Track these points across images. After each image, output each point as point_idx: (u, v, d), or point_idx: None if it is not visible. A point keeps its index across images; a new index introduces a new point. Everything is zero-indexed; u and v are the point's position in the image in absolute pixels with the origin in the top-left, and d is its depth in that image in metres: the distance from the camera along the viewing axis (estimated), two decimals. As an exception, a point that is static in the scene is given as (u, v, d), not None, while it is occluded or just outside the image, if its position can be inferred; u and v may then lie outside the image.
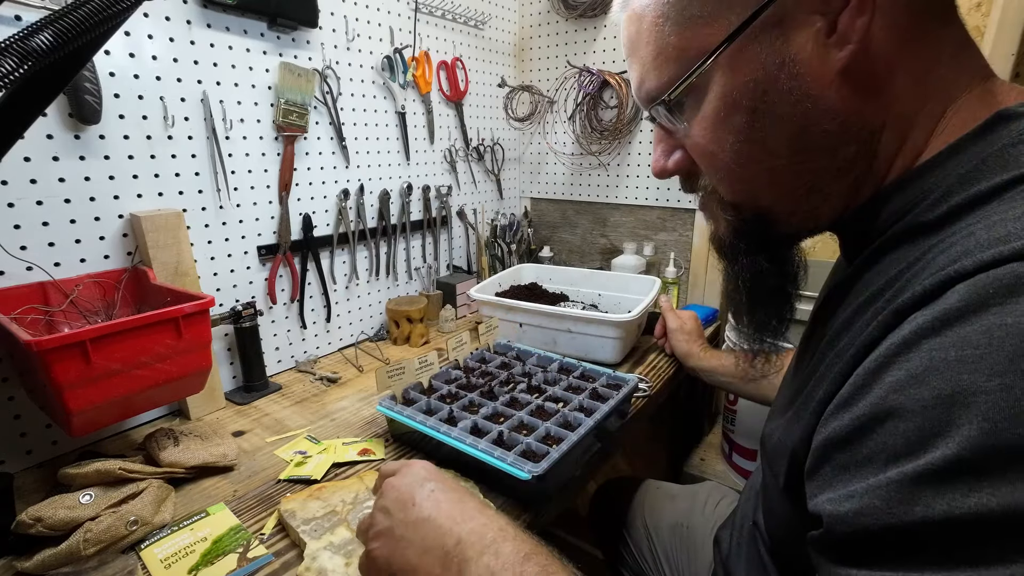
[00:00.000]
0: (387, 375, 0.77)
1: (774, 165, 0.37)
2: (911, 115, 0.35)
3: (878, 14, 0.32)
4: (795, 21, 0.33)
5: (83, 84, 0.72)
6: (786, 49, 0.34)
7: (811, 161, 0.36)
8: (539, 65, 1.57)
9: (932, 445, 0.24)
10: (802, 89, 0.34)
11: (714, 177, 0.41)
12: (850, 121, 0.35)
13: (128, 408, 0.72)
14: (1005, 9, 0.99)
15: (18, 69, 0.37)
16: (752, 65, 0.35)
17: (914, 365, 0.26)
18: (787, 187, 0.38)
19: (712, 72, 0.36)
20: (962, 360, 0.24)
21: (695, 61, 0.36)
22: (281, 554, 0.59)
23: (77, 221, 0.77)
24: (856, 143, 0.35)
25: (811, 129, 0.35)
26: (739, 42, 0.35)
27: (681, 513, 0.86)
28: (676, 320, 1.05)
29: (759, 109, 0.36)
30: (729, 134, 0.37)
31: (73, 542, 0.56)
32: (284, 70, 0.97)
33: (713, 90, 0.37)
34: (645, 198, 1.47)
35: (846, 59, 0.33)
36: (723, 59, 0.35)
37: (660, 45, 0.38)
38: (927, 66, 0.34)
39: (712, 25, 0.35)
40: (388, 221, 1.24)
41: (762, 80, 0.35)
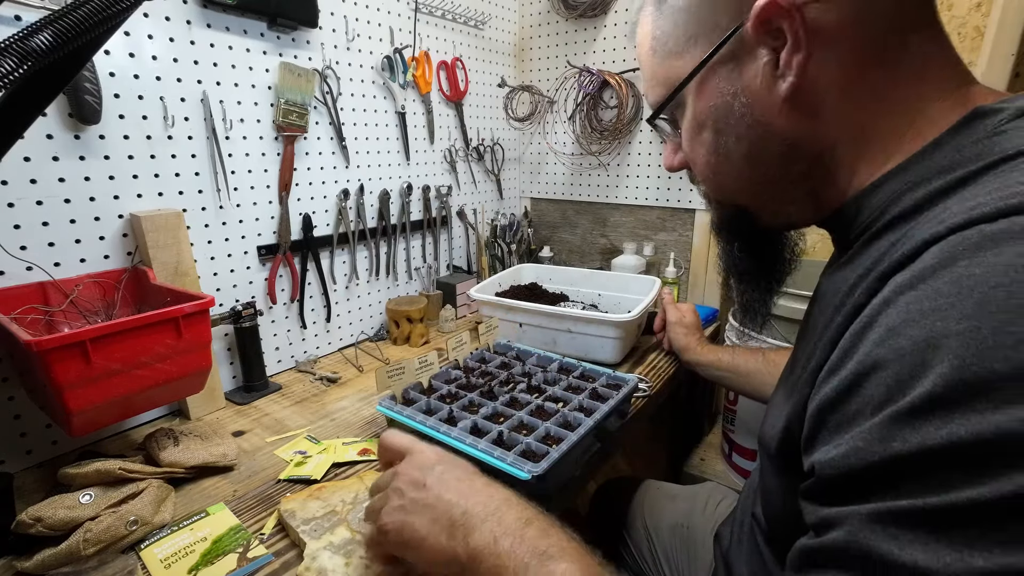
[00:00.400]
0: (387, 375, 0.77)
1: (737, 175, 0.44)
2: (868, 131, 0.38)
3: (817, 50, 0.36)
4: (747, 56, 0.39)
5: (83, 84, 0.73)
6: (739, 80, 0.39)
7: (767, 173, 0.42)
8: (539, 65, 1.57)
9: (909, 388, 0.26)
10: (753, 115, 0.40)
11: (697, 175, 0.49)
12: (798, 142, 0.39)
13: (128, 408, 0.72)
14: (1005, 9, 0.99)
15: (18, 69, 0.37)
16: (713, 93, 0.41)
17: (892, 319, 0.29)
18: (753, 191, 0.44)
19: (687, 95, 0.43)
20: (935, 309, 0.27)
21: (673, 86, 0.43)
22: (281, 554, 0.59)
23: (77, 221, 0.77)
24: (806, 160, 0.40)
25: (764, 150, 0.41)
26: (703, 73, 0.41)
27: (681, 513, 0.86)
28: (676, 313, 1.05)
29: (721, 129, 0.42)
30: (701, 146, 0.44)
31: (73, 542, 0.56)
32: (284, 70, 0.97)
33: (688, 110, 0.44)
34: (645, 198, 1.47)
35: (788, 90, 0.37)
36: (692, 87, 0.42)
37: (652, 70, 0.46)
38: (885, 89, 0.37)
39: (683, 58, 0.42)
40: (388, 221, 1.24)
41: (720, 106, 0.41)
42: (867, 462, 0.27)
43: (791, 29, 0.35)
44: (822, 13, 0.35)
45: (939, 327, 0.26)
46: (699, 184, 0.51)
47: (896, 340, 0.28)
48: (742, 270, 0.52)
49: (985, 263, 0.26)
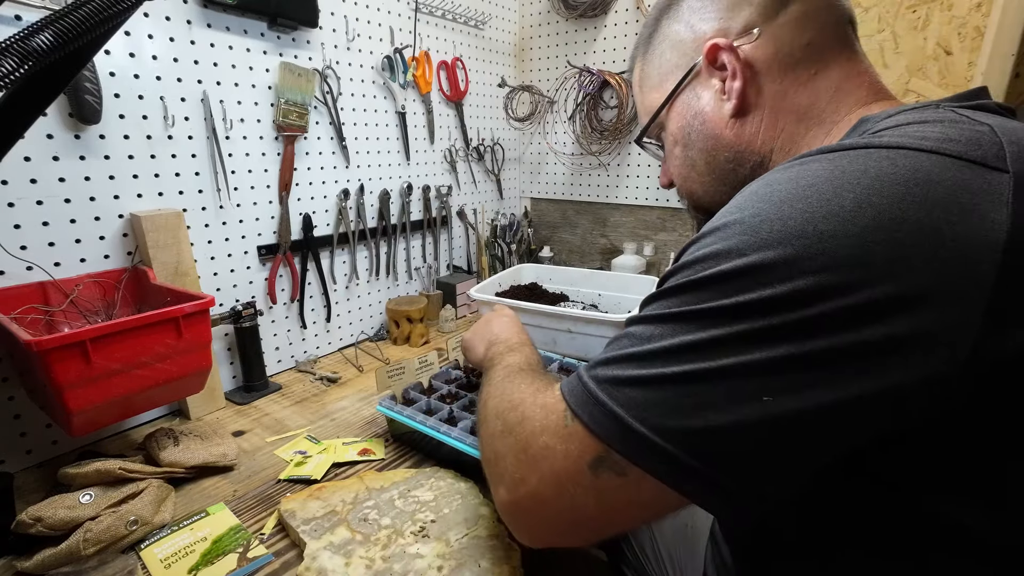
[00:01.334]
0: (387, 375, 0.77)
1: (703, 181, 0.53)
2: (796, 139, 0.47)
3: (756, 74, 0.46)
4: (702, 86, 0.50)
5: (83, 84, 0.73)
6: (698, 104, 0.50)
7: (722, 178, 0.51)
8: (539, 65, 1.57)
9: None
10: (707, 131, 0.50)
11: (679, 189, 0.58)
12: (742, 150, 0.49)
13: (128, 408, 0.72)
14: (1005, 9, 0.99)
15: (18, 69, 0.37)
16: (681, 115, 0.52)
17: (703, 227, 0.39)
18: (715, 195, 0.53)
19: (664, 119, 0.54)
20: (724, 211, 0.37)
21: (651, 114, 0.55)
22: (281, 554, 0.59)
23: (77, 221, 0.77)
24: (748, 164, 0.49)
25: (717, 157, 0.50)
26: (672, 101, 0.52)
27: (685, 512, 0.86)
28: None
29: (687, 144, 0.52)
30: (676, 160, 0.55)
31: (73, 542, 0.56)
32: (284, 70, 0.97)
33: (667, 131, 0.55)
34: (645, 198, 1.47)
35: (731, 110, 0.47)
36: (665, 112, 0.53)
37: (640, 103, 0.57)
38: (808, 104, 0.46)
39: (659, 90, 0.53)
40: (388, 221, 1.24)
41: (685, 126, 0.52)
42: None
43: (729, 62, 0.46)
44: (752, 50, 0.46)
45: (723, 209, 0.37)
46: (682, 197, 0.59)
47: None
48: None
49: (772, 174, 0.36)
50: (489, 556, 0.56)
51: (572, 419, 0.37)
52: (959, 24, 1.05)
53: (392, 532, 0.59)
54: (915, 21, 1.08)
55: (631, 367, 0.35)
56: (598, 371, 0.37)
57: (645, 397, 0.34)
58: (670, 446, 0.32)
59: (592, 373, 0.38)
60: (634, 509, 0.36)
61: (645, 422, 0.33)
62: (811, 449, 0.32)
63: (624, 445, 0.34)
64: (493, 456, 0.44)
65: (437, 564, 0.55)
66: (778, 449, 0.31)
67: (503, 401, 0.48)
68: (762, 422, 0.30)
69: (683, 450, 0.32)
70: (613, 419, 0.34)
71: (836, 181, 0.32)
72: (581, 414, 0.36)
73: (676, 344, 0.33)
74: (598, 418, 0.35)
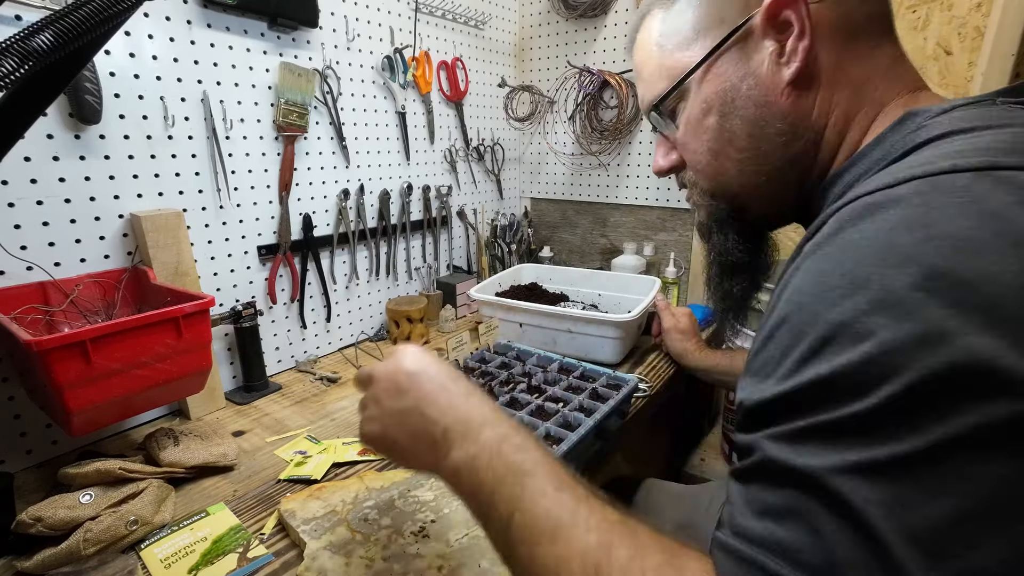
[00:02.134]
0: (387, 375, 0.77)
1: (740, 157, 0.47)
2: (849, 118, 0.43)
3: (818, 39, 0.42)
4: (754, 45, 0.44)
5: (83, 84, 0.73)
6: (747, 66, 0.44)
7: (768, 154, 0.46)
8: (539, 65, 1.57)
9: (806, 334, 0.32)
10: (760, 96, 0.44)
11: (695, 168, 0.51)
12: (798, 122, 0.44)
13: (128, 408, 0.72)
14: (1005, 9, 0.99)
15: (18, 69, 0.37)
16: (722, 78, 0.45)
17: (797, 280, 0.34)
18: (751, 175, 0.47)
19: (693, 84, 0.47)
20: (821, 271, 0.32)
21: (679, 76, 0.48)
22: (281, 554, 0.59)
23: (77, 221, 0.77)
24: (803, 140, 0.44)
25: (767, 128, 0.44)
26: (711, 60, 0.45)
27: (685, 513, 0.86)
28: (671, 319, 1.05)
29: (727, 112, 0.46)
30: (705, 132, 0.48)
31: (73, 542, 0.56)
32: (284, 70, 0.97)
33: (694, 98, 0.48)
34: (645, 198, 1.47)
35: (793, 74, 0.42)
36: (700, 74, 0.46)
37: (656, 65, 0.50)
38: (865, 78, 0.43)
39: (692, 49, 0.46)
40: (388, 221, 1.24)
41: (730, 89, 0.45)
42: (776, 393, 0.32)
43: (798, 19, 0.41)
44: (819, 10, 0.41)
45: (825, 282, 0.32)
46: (691, 184, 0.53)
47: (799, 296, 0.33)
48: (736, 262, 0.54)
49: (863, 229, 0.31)
50: (489, 556, 0.56)
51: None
52: (959, 24, 1.05)
53: (392, 532, 0.59)
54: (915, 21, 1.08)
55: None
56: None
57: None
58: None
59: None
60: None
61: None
62: None
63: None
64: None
65: (437, 564, 0.55)
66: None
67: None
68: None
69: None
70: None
71: (995, 227, 0.27)
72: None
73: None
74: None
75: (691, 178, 0.53)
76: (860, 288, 0.29)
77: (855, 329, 0.29)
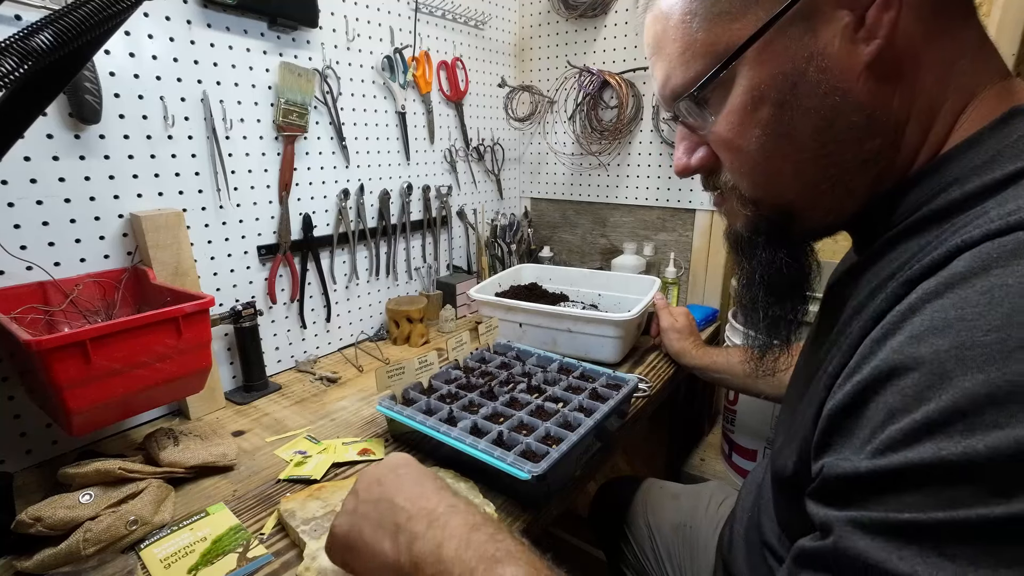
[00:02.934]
0: (387, 375, 0.77)
1: (800, 158, 0.38)
2: (935, 108, 0.35)
3: (905, 9, 0.33)
4: (822, 16, 0.34)
5: (83, 84, 0.72)
6: (814, 43, 0.35)
7: (837, 154, 0.37)
8: (539, 65, 1.57)
9: (928, 397, 0.25)
10: (830, 82, 0.35)
11: (737, 171, 0.42)
12: (877, 114, 0.35)
13: (128, 408, 0.72)
14: (1005, 9, 0.99)
15: (18, 69, 0.37)
16: (780, 59, 0.36)
17: (916, 327, 0.27)
18: (811, 180, 0.39)
19: (740, 66, 0.37)
20: (962, 319, 0.25)
21: (723, 56, 0.37)
22: (281, 554, 0.59)
23: (77, 221, 0.77)
24: (881, 136, 0.36)
25: (838, 122, 0.36)
26: (768, 36, 0.35)
27: (684, 513, 0.86)
28: (669, 318, 1.05)
29: (787, 102, 0.36)
30: (755, 127, 0.38)
31: (73, 542, 0.56)
32: (284, 70, 0.97)
33: (740, 84, 0.37)
34: (645, 198, 1.47)
35: (874, 53, 0.34)
36: (751, 53, 0.36)
37: (687, 41, 0.39)
38: (951, 61, 0.35)
39: (740, 20, 0.36)
40: (388, 221, 1.24)
41: (791, 73, 0.36)
42: (876, 467, 0.26)
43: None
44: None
45: (964, 337, 0.25)
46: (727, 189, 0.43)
47: (918, 348, 0.26)
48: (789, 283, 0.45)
49: (1019, 273, 0.25)
50: (489, 556, 0.56)
51: None
52: (959, 24, 1.05)
53: (392, 532, 0.59)
54: (915, 21, 1.08)
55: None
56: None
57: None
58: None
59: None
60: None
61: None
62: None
63: None
64: None
65: (437, 564, 0.55)
66: None
67: None
68: None
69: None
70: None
71: None
72: None
73: None
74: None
75: (728, 181, 0.43)
76: (1018, 350, 0.23)
77: (1007, 405, 0.23)
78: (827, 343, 0.41)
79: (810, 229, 0.43)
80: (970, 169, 0.33)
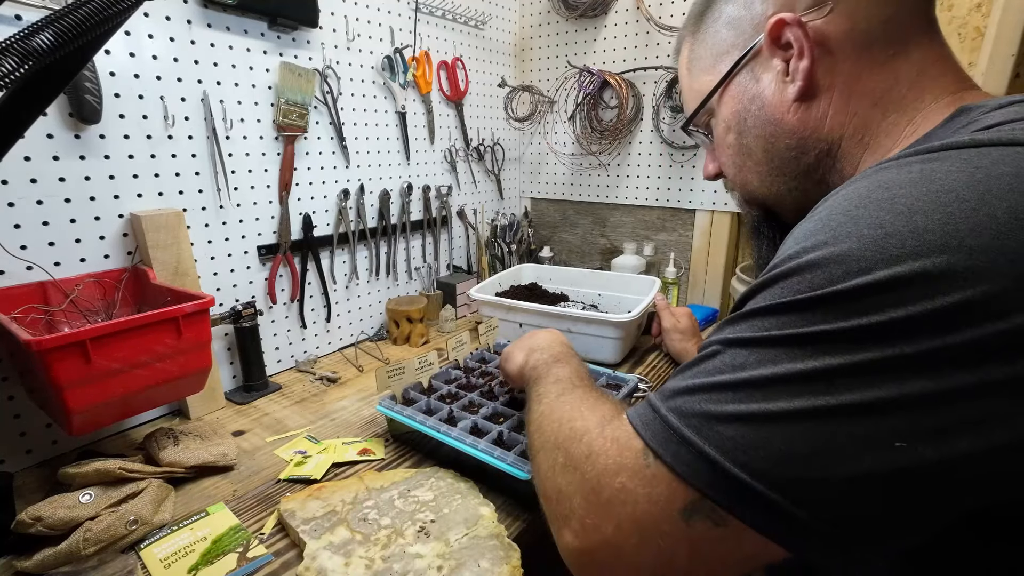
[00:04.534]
0: (387, 375, 0.77)
1: (759, 170, 0.49)
2: (871, 126, 0.42)
3: (820, 57, 0.41)
4: (762, 67, 0.45)
5: (83, 84, 0.72)
6: (755, 87, 0.46)
7: (782, 167, 0.47)
8: (539, 65, 1.57)
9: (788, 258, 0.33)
10: (766, 116, 0.46)
11: (729, 178, 0.54)
12: (805, 137, 0.44)
13: (128, 408, 0.72)
14: (1005, 9, 0.99)
15: (18, 69, 0.37)
16: (736, 99, 0.48)
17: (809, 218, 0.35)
18: (772, 186, 0.49)
19: (716, 105, 0.50)
20: (831, 207, 0.33)
21: (702, 98, 0.51)
22: (281, 554, 0.59)
23: (77, 221, 0.77)
24: (814, 152, 0.45)
25: (777, 144, 0.46)
26: (727, 84, 0.48)
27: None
28: (670, 319, 1.05)
29: (743, 131, 0.48)
30: (728, 148, 0.51)
31: (73, 542, 0.56)
32: (284, 70, 0.97)
33: (718, 116, 0.51)
34: (645, 198, 1.47)
35: (796, 93, 0.43)
36: (719, 96, 0.49)
37: (688, 87, 0.54)
38: (886, 88, 0.41)
39: (711, 74, 0.49)
40: (388, 221, 1.24)
41: (741, 111, 0.48)
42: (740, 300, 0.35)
43: (796, 39, 0.41)
44: (824, 25, 0.41)
45: (824, 214, 0.32)
46: (732, 190, 0.56)
47: (802, 226, 0.34)
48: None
49: (885, 173, 0.32)
50: (489, 556, 0.56)
51: (653, 459, 0.33)
52: (959, 24, 1.05)
53: (392, 532, 0.59)
54: (915, 21, 1.08)
55: (724, 400, 0.30)
56: (680, 402, 0.33)
57: (745, 438, 0.29)
58: (780, 498, 0.28)
59: (672, 404, 0.33)
60: (732, 561, 0.32)
61: (747, 468, 0.28)
62: (950, 502, 0.27)
63: (722, 494, 0.30)
64: (555, 494, 0.40)
65: (437, 564, 0.55)
66: (911, 502, 0.27)
67: (563, 427, 0.43)
68: (893, 473, 0.26)
69: (796, 503, 0.27)
70: (706, 462, 0.30)
71: (980, 186, 0.27)
72: (663, 454, 0.32)
73: (783, 373, 0.29)
74: (687, 459, 0.31)
75: (731, 184, 0.55)
76: (840, 225, 0.31)
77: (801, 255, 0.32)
78: None
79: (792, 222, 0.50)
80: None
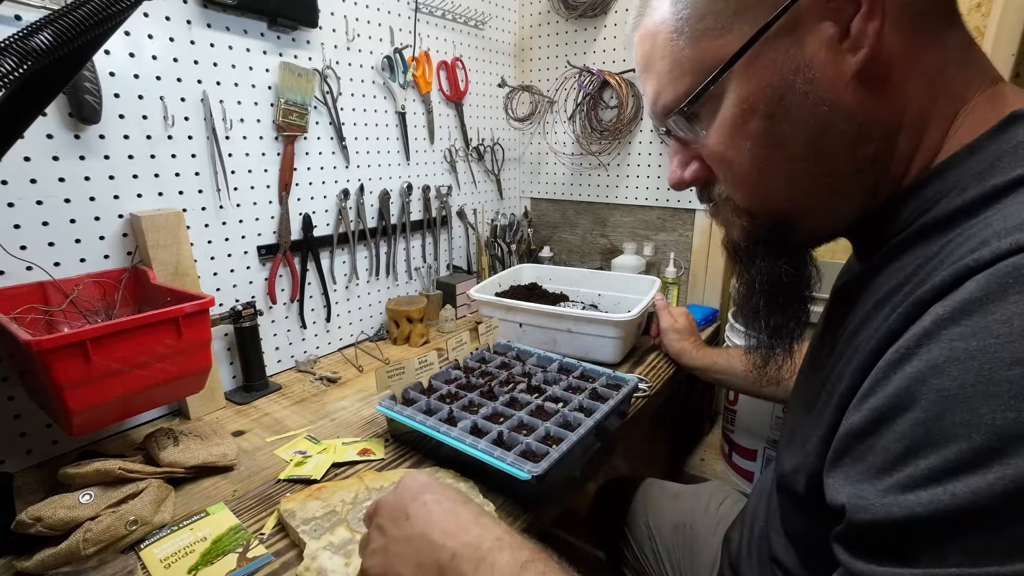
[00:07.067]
0: (387, 375, 0.77)
1: (792, 168, 0.38)
2: (925, 116, 0.36)
3: (888, 18, 0.33)
4: (807, 28, 0.35)
5: (83, 84, 0.72)
6: (800, 55, 0.35)
7: (830, 163, 0.37)
8: (539, 65, 1.57)
9: (955, 436, 0.24)
10: (818, 93, 0.35)
11: (730, 183, 0.42)
12: (867, 122, 0.36)
13: (128, 408, 0.72)
14: (1005, 9, 0.99)
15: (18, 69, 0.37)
16: (768, 72, 0.36)
17: (935, 355, 0.26)
18: (806, 190, 0.39)
19: (728, 80, 0.37)
20: (983, 350, 0.25)
21: (710, 71, 0.38)
22: (281, 554, 0.59)
23: (77, 221, 0.77)
24: (874, 143, 0.36)
25: (829, 131, 0.36)
26: (754, 50, 0.36)
27: (684, 513, 0.86)
28: (668, 319, 1.05)
29: (776, 114, 0.37)
30: (746, 139, 0.38)
31: (73, 542, 0.56)
32: (284, 70, 0.97)
33: (729, 97, 0.38)
34: (645, 198, 1.47)
35: (860, 62, 0.34)
36: (739, 67, 0.37)
37: (675, 59, 0.39)
38: (938, 67, 0.35)
39: (725, 36, 0.37)
40: (388, 221, 1.24)
41: (779, 85, 0.36)
42: (907, 513, 0.25)
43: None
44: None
45: (988, 371, 0.24)
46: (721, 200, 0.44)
47: (939, 380, 0.26)
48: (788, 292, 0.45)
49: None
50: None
51: None
52: (959, 24, 1.05)
53: (392, 532, 0.59)
54: (915, 21, 1.08)
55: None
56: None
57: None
58: None
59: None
60: None
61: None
62: None
63: None
64: None
65: (437, 564, 0.55)
66: None
67: None
68: None
69: None
70: None
71: None
72: None
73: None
74: None
75: (722, 193, 0.43)
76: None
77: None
78: (834, 353, 0.41)
79: (810, 236, 0.43)
80: (970, 176, 0.33)
